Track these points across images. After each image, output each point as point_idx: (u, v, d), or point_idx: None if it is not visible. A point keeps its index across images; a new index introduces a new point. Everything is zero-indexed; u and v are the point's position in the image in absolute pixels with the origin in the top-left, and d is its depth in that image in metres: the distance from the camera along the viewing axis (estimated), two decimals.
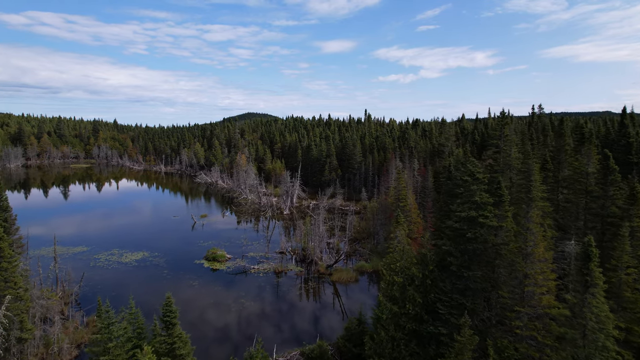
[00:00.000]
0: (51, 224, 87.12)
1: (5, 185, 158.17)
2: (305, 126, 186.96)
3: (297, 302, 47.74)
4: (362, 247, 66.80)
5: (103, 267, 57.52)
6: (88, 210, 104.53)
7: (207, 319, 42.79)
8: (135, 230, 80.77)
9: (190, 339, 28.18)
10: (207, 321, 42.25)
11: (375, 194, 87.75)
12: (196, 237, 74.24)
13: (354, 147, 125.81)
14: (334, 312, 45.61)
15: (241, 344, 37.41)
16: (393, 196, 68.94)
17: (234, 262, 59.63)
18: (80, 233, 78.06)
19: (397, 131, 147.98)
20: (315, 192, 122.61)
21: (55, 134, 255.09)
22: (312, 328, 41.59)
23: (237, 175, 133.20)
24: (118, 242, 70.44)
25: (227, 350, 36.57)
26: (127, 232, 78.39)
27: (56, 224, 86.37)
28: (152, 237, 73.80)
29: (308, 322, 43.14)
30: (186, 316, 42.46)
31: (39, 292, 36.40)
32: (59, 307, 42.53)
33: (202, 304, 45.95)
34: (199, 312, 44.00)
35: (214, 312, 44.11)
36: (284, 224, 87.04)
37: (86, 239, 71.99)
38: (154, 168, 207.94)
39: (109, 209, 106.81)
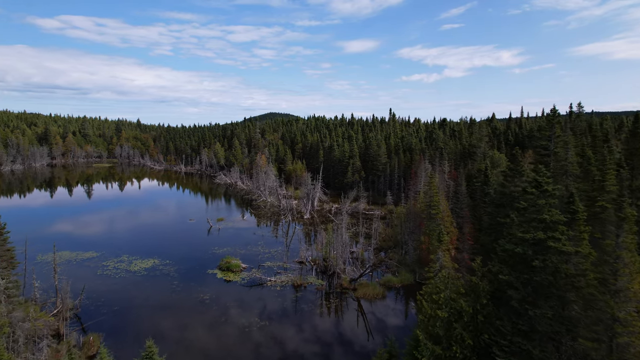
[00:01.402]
0: (67, 224, 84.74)
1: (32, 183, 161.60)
2: (327, 126, 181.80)
3: (318, 321, 42.56)
4: (389, 258, 61.08)
5: (110, 275, 53.67)
6: (105, 210, 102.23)
7: (216, 341, 38.04)
8: (148, 234, 77.22)
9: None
10: (216, 344, 37.51)
11: (403, 198, 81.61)
12: (211, 243, 69.99)
13: (378, 148, 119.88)
14: (359, 334, 40.19)
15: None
16: (423, 202, 62.98)
17: (249, 273, 54.90)
18: (92, 236, 75.00)
19: (423, 131, 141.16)
20: (338, 195, 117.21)
21: (79, 134, 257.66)
22: (333, 354, 36.31)
23: (256, 177, 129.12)
24: (129, 247, 66.82)
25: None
26: (139, 236, 74.89)
27: (72, 225, 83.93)
28: (165, 243, 69.94)
29: (329, 346, 37.88)
30: (192, 338, 37.86)
31: (24, 314, 32.25)
32: (54, 325, 38.55)
33: (212, 323, 41.27)
34: (207, 333, 39.31)
35: (224, 333, 39.34)
36: (304, 230, 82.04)
37: (97, 243, 68.69)
38: (174, 168, 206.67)
39: (126, 210, 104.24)
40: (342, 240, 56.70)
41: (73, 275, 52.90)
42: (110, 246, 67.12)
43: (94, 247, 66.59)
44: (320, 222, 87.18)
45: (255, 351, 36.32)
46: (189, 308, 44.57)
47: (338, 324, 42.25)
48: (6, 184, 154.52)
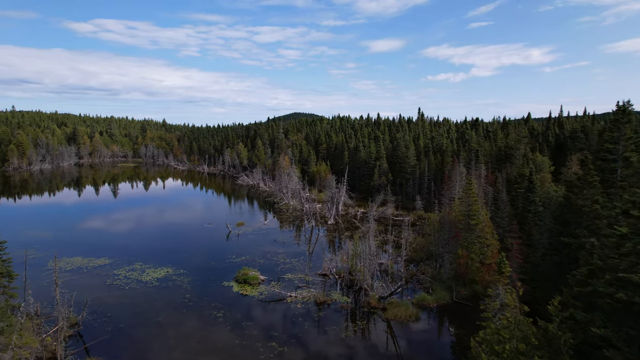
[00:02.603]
0: (86, 225, 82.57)
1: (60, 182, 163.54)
2: (352, 126, 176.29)
3: (342, 347, 37.43)
4: (421, 272, 55.33)
5: (120, 286, 50.04)
6: (127, 210, 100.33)
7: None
8: (164, 239, 73.75)
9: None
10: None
11: (433, 204, 75.41)
12: (229, 251, 65.87)
13: (406, 149, 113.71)
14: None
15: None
16: (459, 210, 56.97)
17: (268, 287, 50.26)
18: (108, 239, 72.13)
19: (454, 132, 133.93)
20: (363, 199, 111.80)
21: (106, 134, 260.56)
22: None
23: (279, 178, 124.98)
24: (143, 253, 63.38)
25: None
26: (155, 242, 71.47)
27: (91, 226, 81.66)
28: (181, 249, 66.22)
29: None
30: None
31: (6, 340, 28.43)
32: (51, 346, 34.82)
33: (225, 346, 36.75)
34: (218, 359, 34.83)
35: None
36: (328, 236, 77.02)
37: (111, 248, 65.60)
38: (197, 168, 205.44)
39: (146, 212, 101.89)
40: (369, 252, 51.35)
41: (81, 286, 49.76)
42: (124, 252, 63.87)
43: (108, 252, 63.47)
44: (345, 228, 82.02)
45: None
46: (200, 327, 40.25)
47: (365, 350, 37.04)
48: (35, 183, 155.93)
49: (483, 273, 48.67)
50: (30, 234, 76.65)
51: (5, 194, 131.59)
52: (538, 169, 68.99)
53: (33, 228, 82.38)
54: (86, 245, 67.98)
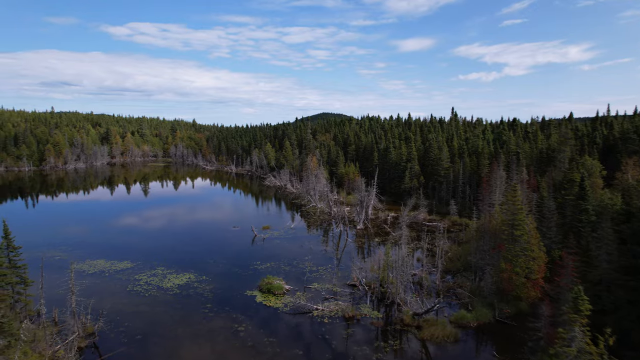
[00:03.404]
0: (114, 225, 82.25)
1: (94, 181, 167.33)
2: (382, 126, 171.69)
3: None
4: (459, 285, 50.98)
5: (140, 293, 48.18)
6: (155, 210, 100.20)
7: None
8: (188, 242, 72.06)
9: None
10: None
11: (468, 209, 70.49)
12: (253, 256, 63.38)
13: (439, 151, 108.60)
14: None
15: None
16: (501, 219, 52.33)
17: (293, 297, 47.25)
18: (132, 241, 71.20)
19: (490, 133, 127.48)
20: (393, 202, 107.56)
21: (137, 134, 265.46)
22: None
23: (306, 180, 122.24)
24: (166, 257, 61.69)
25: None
26: (179, 245, 69.80)
27: (118, 226, 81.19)
28: (204, 253, 64.21)
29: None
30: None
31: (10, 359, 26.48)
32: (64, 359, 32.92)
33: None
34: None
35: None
36: (357, 242, 73.45)
37: (135, 251, 64.34)
38: (225, 168, 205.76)
39: (173, 212, 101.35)
40: (402, 261, 47.52)
41: (101, 291, 48.27)
42: (147, 255, 62.43)
43: (131, 255, 62.16)
44: (375, 234, 78.22)
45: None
46: (220, 341, 37.61)
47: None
48: (70, 182, 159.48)
49: (529, 289, 44.05)
50: (60, 233, 76.73)
51: (43, 192, 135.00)
52: (588, 174, 63.09)
53: (64, 227, 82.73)
54: (111, 247, 67.06)
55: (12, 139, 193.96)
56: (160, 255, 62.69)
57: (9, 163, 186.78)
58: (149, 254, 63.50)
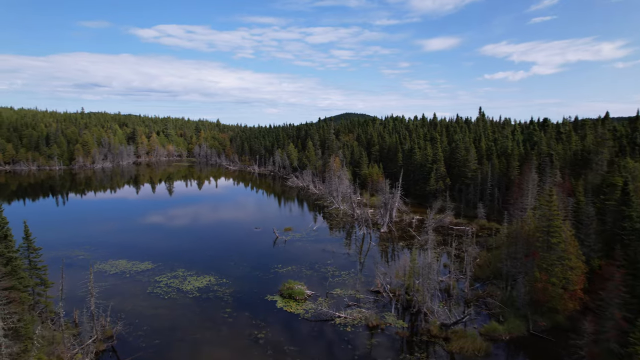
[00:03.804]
0: (137, 225, 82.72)
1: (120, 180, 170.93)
2: (406, 127, 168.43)
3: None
4: (488, 294, 48.35)
5: (159, 295, 47.57)
6: (177, 209, 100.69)
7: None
8: (209, 243, 71.50)
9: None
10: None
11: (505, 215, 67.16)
12: (275, 258, 62.21)
13: (466, 152, 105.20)
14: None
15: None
16: (534, 224, 49.46)
17: (315, 303, 45.66)
18: (154, 241, 71.11)
19: (519, 133, 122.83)
20: (418, 205, 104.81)
21: (162, 134, 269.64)
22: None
23: (329, 181, 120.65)
24: (187, 259, 61.18)
25: None
26: (200, 246, 69.24)
27: (140, 226, 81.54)
28: (225, 255, 63.42)
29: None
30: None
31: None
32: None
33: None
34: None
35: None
36: (380, 246, 71.38)
37: (156, 252, 64.11)
38: (248, 168, 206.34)
39: (195, 212, 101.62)
40: (429, 268, 45.32)
41: (121, 293, 47.96)
42: (168, 256, 62.06)
43: (153, 256, 61.93)
44: (399, 237, 75.98)
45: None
46: (239, 348, 36.43)
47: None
48: (98, 181, 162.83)
49: (566, 301, 41.19)
50: (85, 231, 77.51)
51: (72, 190, 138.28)
52: (631, 177, 59.12)
53: (89, 226, 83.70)
54: (133, 247, 67.15)
55: (44, 139, 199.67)
56: (181, 256, 62.28)
57: (41, 162, 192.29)
58: (170, 254, 63.18)
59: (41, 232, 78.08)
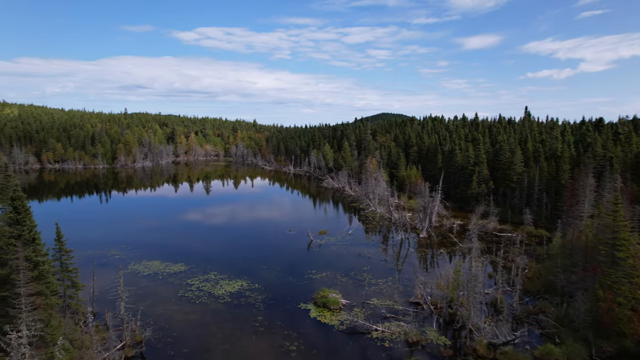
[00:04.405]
0: (172, 224, 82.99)
1: (160, 178, 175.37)
2: (446, 127, 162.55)
3: None
4: (540, 310, 44.15)
5: (190, 300, 46.48)
6: (212, 208, 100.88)
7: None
8: (243, 245, 70.31)
9: None
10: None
11: (558, 224, 62.15)
12: (309, 264, 60.13)
13: (511, 154, 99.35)
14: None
15: None
16: (593, 235, 44.75)
17: (350, 314, 43.14)
18: (189, 242, 70.72)
19: (570, 134, 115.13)
20: (459, 208, 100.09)
21: (200, 134, 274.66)
22: None
23: (365, 182, 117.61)
24: (220, 260, 60.25)
25: None
26: (233, 248, 68.23)
27: (175, 225, 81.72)
28: (258, 259, 61.93)
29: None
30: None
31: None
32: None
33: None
34: None
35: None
36: (419, 252, 67.85)
37: (190, 253, 63.61)
38: (283, 169, 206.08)
39: (230, 212, 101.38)
40: (474, 280, 41.70)
41: (153, 295, 47.26)
42: (201, 258, 61.30)
43: (186, 257, 61.40)
44: (439, 244, 72.11)
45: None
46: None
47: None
48: (138, 179, 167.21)
49: (636, 325, 36.57)
50: (123, 230, 78.54)
51: (115, 188, 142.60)
52: None
53: (128, 224, 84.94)
54: (167, 248, 67.01)
55: (90, 139, 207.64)
56: (214, 258, 61.40)
57: (86, 161, 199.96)
58: (204, 256, 62.44)
59: (82, 229, 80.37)
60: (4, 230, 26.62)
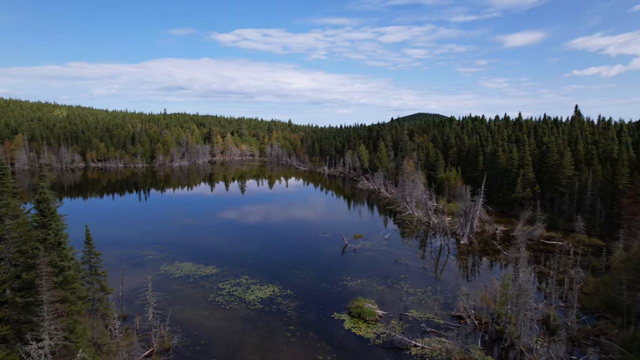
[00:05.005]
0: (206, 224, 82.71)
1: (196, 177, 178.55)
2: (488, 127, 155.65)
3: None
4: (602, 330, 39.74)
5: (221, 305, 45.08)
6: (246, 209, 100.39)
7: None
8: (276, 248, 68.67)
9: None
10: None
11: (621, 235, 56.79)
12: (343, 269, 57.67)
13: (560, 156, 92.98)
14: None
15: None
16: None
17: (387, 327, 40.37)
18: (221, 244, 69.96)
19: (627, 135, 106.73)
20: (501, 213, 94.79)
21: (236, 134, 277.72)
22: None
23: (402, 184, 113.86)
24: (252, 264, 58.81)
25: None
26: (266, 250, 66.63)
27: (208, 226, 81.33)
28: (290, 262, 60.04)
29: None
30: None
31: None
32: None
33: None
34: None
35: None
36: (460, 260, 63.96)
37: (221, 255, 62.56)
38: (318, 169, 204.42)
39: (264, 212, 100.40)
40: (525, 295, 37.91)
41: (183, 299, 46.28)
42: (233, 261, 60.09)
43: (218, 259, 60.37)
44: (481, 251, 67.89)
45: None
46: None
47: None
48: (176, 178, 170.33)
49: None
50: (159, 229, 78.84)
51: (153, 186, 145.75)
52: None
53: (164, 223, 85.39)
54: (200, 249, 66.37)
55: (130, 138, 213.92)
56: (246, 261, 60.09)
57: (126, 160, 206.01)
58: (236, 258, 61.27)
59: (121, 227, 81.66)
60: (31, 234, 25.89)
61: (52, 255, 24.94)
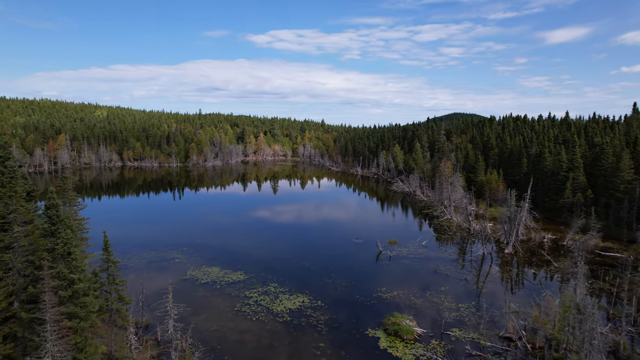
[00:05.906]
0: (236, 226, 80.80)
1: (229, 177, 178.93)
2: (531, 127, 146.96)
3: None
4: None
5: (247, 315, 42.33)
6: (277, 210, 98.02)
7: None
8: (305, 253, 65.44)
9: None
10: None
11: None
12: (377, 279, 53.85)
13: (617, 159, 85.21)
14: None
15: None
16: None
17: (427, 348, 36.37)
18: (250, 248, 67.33)
19: None
20: (547, 219, 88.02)
21: (269, 134, 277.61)
22: None
23: (439, 187, 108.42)
24: (281, 271, 55.96)
25: None
26: (295, 256, 63.47)
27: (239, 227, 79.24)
28: (321, 270, 56.71)
29: None
30: None
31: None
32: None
33: None
34: None
35: None
36: (505, 271, 58.72)
37: (250, 261, 60.05)
38: (350, 170, 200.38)
39: (295, 214, 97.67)
40: (592, 320, 32.97)
41: (208, 307, 43.92)
42: (261, 267, 57.41)
43: (246, 265, 57.91)
44: (528, 261, 62.31)
45: None
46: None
47: None
48: (209, 178, 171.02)
49: None
50: (189, 230, 77.48)
51: (187, 185, 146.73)
52: None
53: (194, 224, 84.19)
54: (228, 253, 64.21)
55: (165, 138, 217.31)
56: (275, 267, 57.30)
57: (161, 159, 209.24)
58: (264, 264, 58.62)
59: (153, 228, 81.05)
60: (39, 243, 23.86)
61: (60, 267, 22.79)
